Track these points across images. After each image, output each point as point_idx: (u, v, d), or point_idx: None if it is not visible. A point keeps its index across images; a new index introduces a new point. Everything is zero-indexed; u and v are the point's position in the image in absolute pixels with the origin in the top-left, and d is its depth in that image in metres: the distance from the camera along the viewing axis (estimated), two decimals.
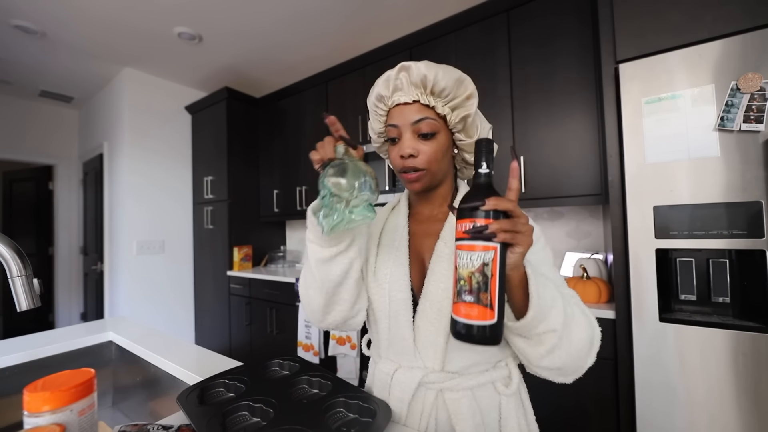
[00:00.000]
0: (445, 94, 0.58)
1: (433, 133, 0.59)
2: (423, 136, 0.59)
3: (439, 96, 0.58)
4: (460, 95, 0.59)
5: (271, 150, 2.93)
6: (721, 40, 1.05)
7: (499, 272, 0.43)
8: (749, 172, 1.00)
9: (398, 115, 0.60)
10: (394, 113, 0.61)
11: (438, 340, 0.57)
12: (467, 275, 0.44)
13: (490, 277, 0.43)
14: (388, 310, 0.61)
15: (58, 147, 3.50)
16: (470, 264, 0.44)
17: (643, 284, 1.15)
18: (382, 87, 0.61)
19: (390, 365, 0.62)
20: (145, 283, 2.78)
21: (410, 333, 0.59)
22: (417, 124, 0.58)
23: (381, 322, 0.63)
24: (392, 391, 0.60)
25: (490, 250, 0.43)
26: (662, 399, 1.12)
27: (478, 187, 0.47)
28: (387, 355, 0.64)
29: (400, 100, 0.59)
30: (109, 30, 2.22)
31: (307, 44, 2.41)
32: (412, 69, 0.57)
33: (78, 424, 0.52)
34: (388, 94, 0.61)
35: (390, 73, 0.60)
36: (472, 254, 0.44)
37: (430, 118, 0.58)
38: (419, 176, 0.60)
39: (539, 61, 1.67)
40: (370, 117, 0.69)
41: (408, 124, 0.59)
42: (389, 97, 0.61)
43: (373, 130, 0.70)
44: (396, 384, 0.60)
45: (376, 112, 0.65)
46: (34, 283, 0.58)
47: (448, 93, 0.58)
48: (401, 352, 0.61)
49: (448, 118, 0.60)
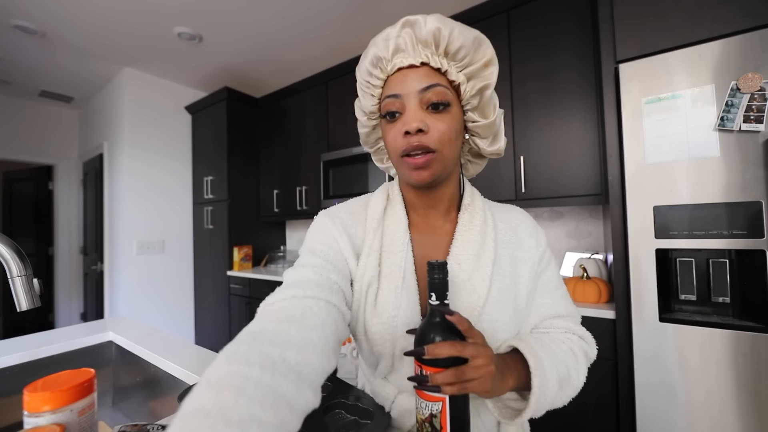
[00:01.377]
0: (461, 55, 0.45)
1: (446, 103, 0.46)
2: (434, 107, 0.46)
3: (453, 58, 0.46)
4: (478, 60, 0.46)
5: (271, 150, 2.93)
6: (721, 40, 1.05)
7: (450, 424, 0.39)
8: (749, 172, 1.00)
9: (400, 83, 0.46)
10: (393, 81, 0.47)
11: None
12: (420, 421, 0.41)
13: (439, 429, 0.39)
14: (391, 353, 0.50)
15: (58, 147, 3.50)
16: (421, 411, 0.41)
17: (643, 284, 1.15)
18: (379, 48, 0.47)
19: (390, 389, 0.54)
20: (145, 283, 2.78)
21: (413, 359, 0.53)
22: (425, 92, 0.45)
23: (381, 361, 0.52)
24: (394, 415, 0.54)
25: (438, 401, 0.39)
26: (662, 399, 1.12)
27: (429, 326, 0.42)
28: (385, 378, 0.55)
29: (404, 62, 0.46)
30: (109, 30, 2.22)
31: (307, 44, 2.40)
32: (420, 23, 0.45)
33: (78, 423, 0.52)
34: (387, 56, 0.47)
35: (390, 31, 0.46)
36: (421, 401, 0.41)
37: (442, 84, 0.46)
38: (429, 160, 0.46)
39: (539, 60, 1.67)
40: (359, 93, 0.54)
41: (414, 92, 0.46)
42: (389, 60, 0.47)
43: (361, 111, 0.55)
44: (398, 411, 0.52)
45: (369, 83, 0.50)
46: (34, 283, 0.58)
47: (464, 55, 0.45)
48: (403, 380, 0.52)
49: (462, 89, 0.47)
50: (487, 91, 0.48)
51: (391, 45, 0.46)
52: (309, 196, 2.62)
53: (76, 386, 0.52)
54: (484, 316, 0.48)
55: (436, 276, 0.41)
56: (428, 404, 0.40)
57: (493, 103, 0.51)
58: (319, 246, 0.51)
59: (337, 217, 0.55)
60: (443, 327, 0.41)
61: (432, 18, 0.45)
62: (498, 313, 0.49)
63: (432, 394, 0.40)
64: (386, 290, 0.50)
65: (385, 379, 0.55)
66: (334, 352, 0.39)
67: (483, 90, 0.48)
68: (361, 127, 0.58)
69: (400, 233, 0.53)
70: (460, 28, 0.45)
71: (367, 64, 0.50)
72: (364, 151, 2.22)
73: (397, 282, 0.50)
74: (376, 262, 0.51)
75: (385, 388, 0.54)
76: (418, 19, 0.45)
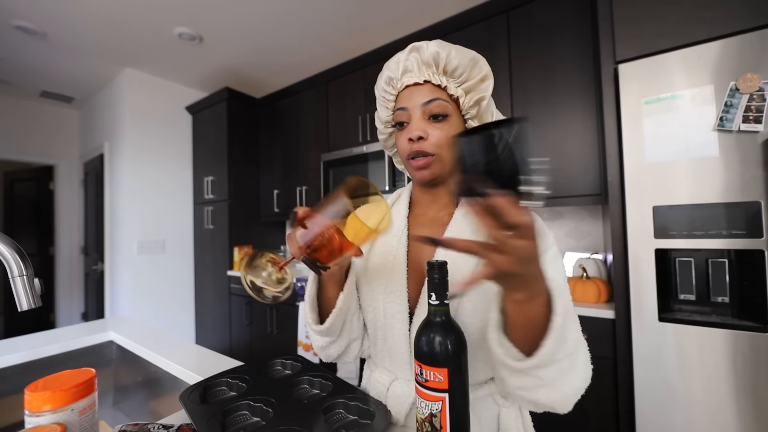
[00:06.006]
0: (458, 73, 0.54)
1: (444, 114, 0.55)
2: (434, 118, 0.55)
3: (451, 76, 0.55)
4: (474, 76, 0.55)
5: (271, 150, 2.93)
6: (720, 41, 1.05)
7: (450, 423, 0.40)
8: (748, 172, 1.00)
9: (407, 98, 0.56)
10: (403, 96, 0.57)
11: None
12: (420, 420, 0.42)
13: (439, 429, 0.40)
14: (383, 322, 0.58)
15: (59, 147, 3.51)
16: (421, 410, 0.41)
17: (643, 284, 1.15)
18: (391, 69, 0.58)
19: (386, 376, 0.59)
20: (145, 282, 2.78)
21: (406, 346, 0.56)
22: (427, 105, 0.54)
23: (376, 333, 0.60)
24: (389, 403, 0.57)
25: (438, 401, 0.40)
26: (661, 398, 1.12)
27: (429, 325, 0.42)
28: (383, 364, 0.61)
29: (410, 81, 0.56)
30: (110, 30, 2.22)
31: (308, 44, 2.41)
32: (423, 48, 0.55)
33: (79, 423, 0.52)
34: (398, 76, 0.57)
35: (400, 55, 0.57)
36: (421, 401, 0.41)
37: (442, 99, 0.55)
38: (428, 162, 0.55)
39: (538, 60, 1.67)
40: (378, 105, 0.65)
41: (418, 105, 0.55)
42: (398, 79, 0.58)
43: (380, 120, 0.66)
44: (392, 396, 0.57)
45: (384, 98, 0.61)
46: (35, 283, 0.59)
47: (461, 72, 0.54)
48: (397, 363, 0.58)
49: (461, 101, 0.56)
50: (483, 102, 0.56)
51: (401, 67, 0.57)
52: (309, 196, 2.62)
53: (76, 386, 0.52)
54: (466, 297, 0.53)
55: (436, 276, 0.41)
56: (428, 404, 0.40)
57: (490, 112, 0.58)
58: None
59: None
60: (443, 327, 0.42)
61: (433, 43, 0.55)
62: (479, 297, 0.53)
63: (431, 393, 0.40)
64: (379, 264, 0.60)
65: (383, 367, 0.61)
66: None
67: (480, 101, 0.56)
68: (380, 134, 0.68)
69: (398, 221, 0.63)
70: (457, 50, 0.54)
71: (382, 83, 0.61)
72: (364, 151, 2.23)
73: (389, 258, 0.60)
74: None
75: (382, 376, 0.60)
76: (422, 45, 0.55)
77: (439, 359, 0.40)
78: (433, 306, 0.42)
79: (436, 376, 0.40)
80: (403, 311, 0.56)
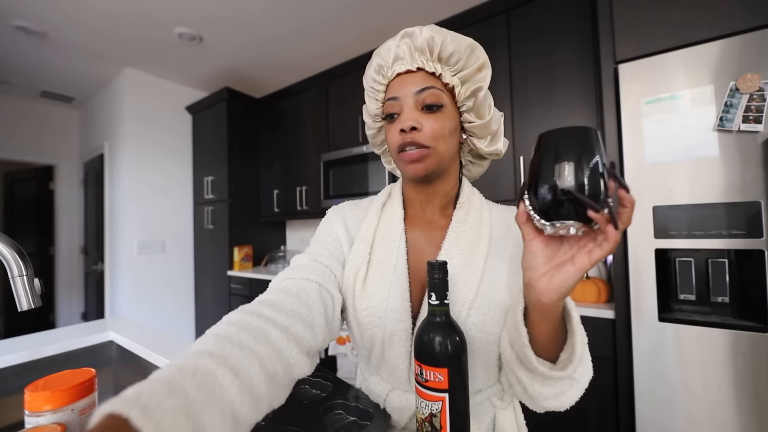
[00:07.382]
0: (454, 60, 0.50)
1: (439, 105, 0.50)
2: (428, 108, 0.50)
3: (446, 63, 0.50)
4: (471, 65, 0.51)
5: (271, 150, 2.93)
6: (720, 41, 1.05)
7: (450, 423, 0.39)
8: (748, 173, 1.00)
9: (399, 87, 0.51)
10: (393, 85, 0.52)
11: None
12: (419, 420, 0.42)
13: (439, 429, 0.40)
14: (381, 339, 0.52)
15: (59, 147, 3.51)
16: (420, 410, 0.41)
17: (643, 284, 1.15)
18: (382, 57, 0.53)
19: (383, 385, 0.55)
20: (145, 282, 2.78)
21: (406, 364, 0.52)
22: (420, 94, 0.50)
23: (372, 347, 0.54)
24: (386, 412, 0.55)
25: (438, 401, 0.39)
26: (661, 398, 1.12)
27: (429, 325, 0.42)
28: (379, 373, 0.57)
29: (402, 68, 0.51)
30: (110, 31, 2.22)
31: (308, 44, 2.41)
32: (416, 33, 0.50)
33: (79, 423, 0.52)
34: (388, 63, 0.52)
35: (390, 42, 0.52)
36: (421, 401, 0.41)
37: (436, 87, 0.50)
38: (423, 154, 0.49)
39: (538, 60, 1.67)
40: (366, 97, 0.59)
41: (410, 94, 0.50)
42: (389, 66, 0.52)
43: (368, 113, 0.60)
44: (391, 407, 0.53)
45: (373, 89, 0.55)
46: (35, 283, 0.59)
47: (457, 60, 0.50)
48: (394, 375, 0.54)
49: (456, 92, 0.51)
50: (480, 92, 0.52)
51: (392, 54, 0.52)
52: (309, 196, 2.62)
53: (76, 386, 0.52)
54: (474, 310, 0.50)
55: (436, 276, 0.41)
56: (428, 404, 0.40)
57: (487, 104, 0.54)
58: (322, 236, 0.60)
59: (340, 210, 0.63)
60: (443, 326, 0.42)
61: (427, 28, 0.50)
62: (488, 306, 0.50)
63: (431, 393, 0.40)
64: (378, 276, 0.54)
65: (378, 376, 0.57)
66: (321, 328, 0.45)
67: (476, 92, 0.52)
68: (368, 129, 0.63)
69: (395, 225, 0.57)
70: (453, 36, 0.50)
71: (371, 72, 0.55)
72: (364, 151, 2.23)
73: (389, 269, 0.54)
74: (367, 250, 0.56)
75: (378, 385, 0.56)
76: (414, 30, 0.50)
77: (439, 359, 0.40)
78: (433, 306, 0.42)
79: (436, 376, 0.40)
80: (407, 329, 0.51)
